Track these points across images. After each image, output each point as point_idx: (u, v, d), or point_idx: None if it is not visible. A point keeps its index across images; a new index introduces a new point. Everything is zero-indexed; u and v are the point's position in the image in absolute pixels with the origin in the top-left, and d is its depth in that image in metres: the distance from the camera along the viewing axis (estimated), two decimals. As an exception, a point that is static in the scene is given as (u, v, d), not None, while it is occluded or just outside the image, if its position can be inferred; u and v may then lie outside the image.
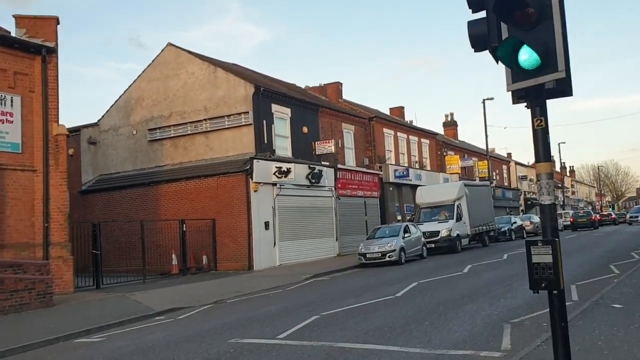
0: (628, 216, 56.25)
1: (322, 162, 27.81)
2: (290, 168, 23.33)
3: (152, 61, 26.92)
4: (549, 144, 4.75)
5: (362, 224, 29.75)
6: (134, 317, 12.69)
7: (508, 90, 4.75)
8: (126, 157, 27.16)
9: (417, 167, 38.87)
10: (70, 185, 27.06)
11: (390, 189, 34.17)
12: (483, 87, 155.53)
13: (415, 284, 14.76)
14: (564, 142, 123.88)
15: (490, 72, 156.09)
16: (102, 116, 28.04)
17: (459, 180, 34.36)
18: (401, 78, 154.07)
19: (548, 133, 4.74)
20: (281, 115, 25.80)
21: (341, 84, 36.12)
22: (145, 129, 26.65)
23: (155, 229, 22.82)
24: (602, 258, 18.97)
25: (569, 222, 53.83)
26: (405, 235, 22.76)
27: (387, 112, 44.37)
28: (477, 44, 4.75)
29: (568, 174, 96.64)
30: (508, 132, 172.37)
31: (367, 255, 21.83)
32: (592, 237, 32.22)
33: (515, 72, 4.63)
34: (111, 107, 27.85)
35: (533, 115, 4.75)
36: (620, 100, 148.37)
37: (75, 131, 27.56)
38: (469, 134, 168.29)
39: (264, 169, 22.99)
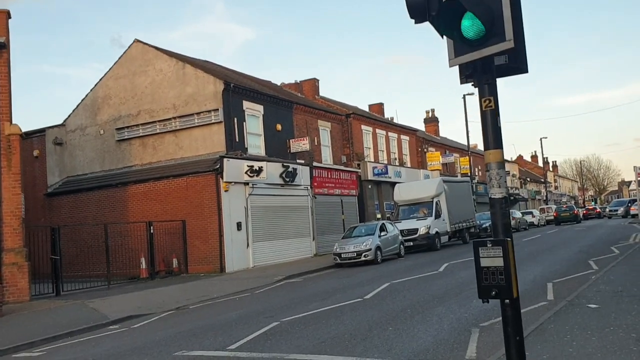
0: (608, 210, 56.44)
1: (298, 161, 27.10)
2: (262, 167, 22.57)
3: (119, 58, 26.00)
4: (499, 128, 4.08)
5: (340, 223, 29.09)
6: (86, 327, 11.89)
7: (451, 66, 4.06)
8: (93, 158, 26.22)
9: (397, 164, 38.31)
10: (35, 187, 26.33)
11: (369, 186, 33.54)
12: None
13: (387, 285, 14.10)
14: (546, 137, 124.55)
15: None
16: (69, 116, 27.06)
17: (440, 176, 33.78)
18: (383, 76, 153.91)
19: (499, 115, 4.07)
20: (253, 113, 25.03)
21: (317, 80, 35.41)
22: (112, 128, 25.73)
23: (124, 232, 21.99)
24: (581, 253, 18.47)
25: (552, 217, 53.78)
26: (382, 234, 22.12)
27: (367, 109, 43.77)
28: (416, 13, 4.05)
29: (551, 168, 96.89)
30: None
31: (342, 255, 21.15)
32: (573, 232, 31.87)
33: (458, 44, 3.96)
34: (77, 106, 26.89)
35: (481, 95, 4.08)
36: (601, 96, 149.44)
37: (40, 132, 26.59)
38: (451, 130, 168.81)
39: (234, 168, 22.22)
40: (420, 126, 54.35)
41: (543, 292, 11.17)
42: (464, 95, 45.57)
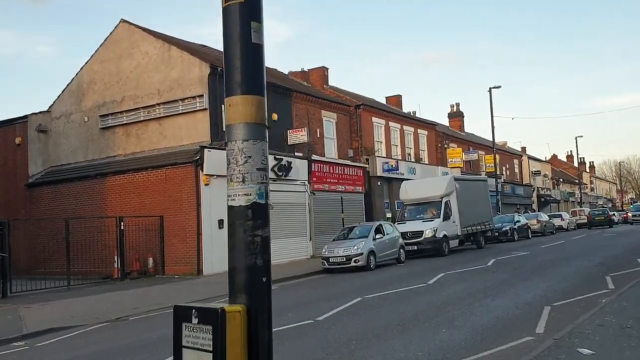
0: (629, 214, 48.40)
1: (296, 154, 25.00)
2: (247, 159, 20.50)
3: (105, 40, 24.30)
4: (258, 49, 1.89)
5: (341, 221, 26.86)
6: (-16, 343, 10.06)
7: None
8: (78, 147, 24.64)
9: (413, 160, 35.82)
10: (16, 177, 24.89)
11: (379, 183, 31.18)
12: (495, 78, 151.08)
13: (357, 301, 11.88)
14: (582, 136, 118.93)
15: (501, 62, 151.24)
16: (54, 102, 25.52)
17: (451, 174, 31.14)
18: (415, 73, 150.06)
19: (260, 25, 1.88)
20: (245, 100, 22.98)
21: (327, 69, 33.19)
22: (97, 115, 24.07)
23: (100, 227, 20.29)
24: (601, 266, 15.87)
25: (584, 220, 50.30)
26: (377, 237, 19.83)
27: (384, 102, 41.32)
28: None
29: (587, 169, 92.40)
30: (524, 125, 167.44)
31: (330, 260, 18.96)
32: (600, 238, 28.92)
33: None
34: (63, 91, 25.34)
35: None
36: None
37: (22, 118, 25.13)
38: (479, 126, 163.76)
39: (217, 160, 20.19)
40: (446, 122, 51.62)
41: (534, 321, 8.81)
42: (490, 88, 42.67)
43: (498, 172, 46.28)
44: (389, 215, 30.90)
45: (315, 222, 25.44)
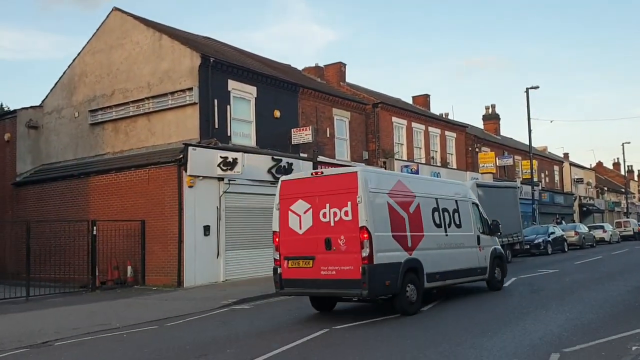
0: None
1: (301, 155, 22.83)
2: (237, 158, 18.43)
3: (97, 30, 22.69)
4: None
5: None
6: None
7: None
8: (68, 144, 23.09)
9: (438, 164, 33.16)
10: (4, 175, 23.51)
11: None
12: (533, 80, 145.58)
13: (322, 333, 9.60)
14: (629, 142, 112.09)
15: (537, 59, 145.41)
16: (46, 96, 24.07)
17: (474, 179, 28.33)
18: (460, 78, 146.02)
19: None
20: (242, 95, 20.99)
21: (344, 65, 30.90)
22: (86, 110, 22.46)
23: (84, 231, 18.55)
24: (637, 290, 13.11)
25: (630, 233, 46.48)
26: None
27: (410, 102, 38.76)
28: None
29: (636, 178, 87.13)
30: (567, 130, 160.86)
31: (323, 274, 16.64)
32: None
33: None
34: (55, 85, 23.85)
35: None
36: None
37: (12, 113, 23.76)
38: (518, 131, 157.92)
39: (204, 160, 18.25)
40: (481, 125, 48.64)
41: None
42: (527, 89, 39.58)
43: (536, 179, 43.06)
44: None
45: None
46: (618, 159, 79.30)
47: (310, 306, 12.25)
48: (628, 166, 76.56)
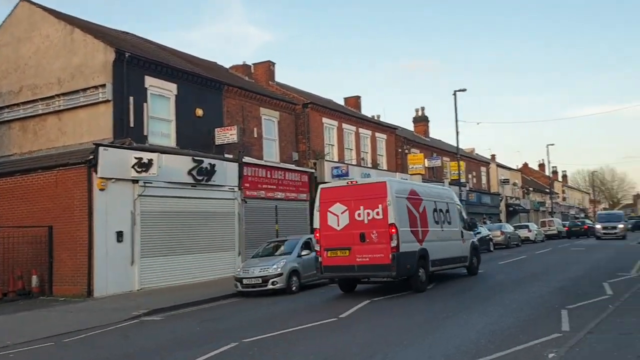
0: (600, 226, 40.20)
1: (225, 155, 21.97)
2: (152, 159, 17.39)
3: (3, 22, 21.04)
4: None
5: (281, 233, 23.83)
6: None
7: None
8: (-29, 145, 21.24)
9: (369, 165, 33.02)
10: None
11: (327, 190, 28.22)
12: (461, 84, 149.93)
13: (228, 348, 8.88)
14: (553, 144, 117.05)
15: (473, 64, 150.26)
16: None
17: (422, 181, 28.25)
18: (401, 82, 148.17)
19: None
20: (160, 92, 19.92)
21: (273, 63, 30.18)
22: (-9, 107, 20.74)
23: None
24: (559, 292, 13.09)
25: (554, 232, 48.12)
26: (304, 253, 16.84)
27: (342, 103, 38.49)
28: None
29: (560, 179, 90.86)
30: (495, 132, 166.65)
31: (244, 282, 15.92)
32: (566, 254, 26.30)
33: None
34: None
35: None
36: (618, 107, 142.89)
37: None
38: (448, 134, 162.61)
39: (117, 161, 17.11)
40: (411, 127, 49.06)
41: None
42: (455, 92, 40.17)
43: (463, 180, 43.80)
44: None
45: (247, 235, 22.37)
46: (543, 160, 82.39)
47: (215, 319, 11.54)
48: (552, 167, 79.70)
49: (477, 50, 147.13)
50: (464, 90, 40.00)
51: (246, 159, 22.85)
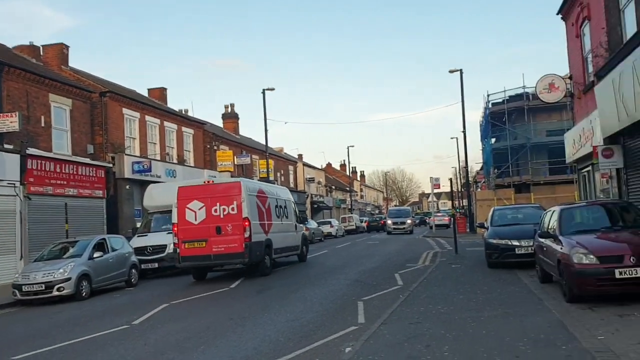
0: (390, 221, 43.42)
1: (5, 146, 19.25)
2: None
3: None
4: None
5: (72, 233, 21.59)
6: None
7: None
8: None
9: (175, 161, 31.70)
10: None
11: (127, 187, 26.43)
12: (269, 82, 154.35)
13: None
14: (353, 146, 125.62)
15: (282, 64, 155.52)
16: None
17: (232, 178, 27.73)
18: (208, 79, 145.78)
19: None
20: None
21: (67, 47, 27.36)
22: None
23: None
24: (356, 284, 13.58)
25: (353, 227, 51.29)
26: (97, 255, 15.35)
27: (146, 94, 36.43)
28: None
29: (359, 178, 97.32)
30: (303, 133, 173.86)
31: (24, 289, 14.01)
32: (363, 247, 27.99)
33: None
34: None
35: None
36: (409, 115, 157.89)
37: None
38: (259, 132, 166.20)
39: None
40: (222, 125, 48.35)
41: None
42: (264, 90, 40.51)
43: (272, 178, 44.43)
44: (139, 224, 26.30)
45: (31, 236, 19.86)
46: (344, 160, 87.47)
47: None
48: (352, 167, 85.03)
49: (287, 54, 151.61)
50: (272, 89, 40.57)
51: (31, 151, 20.30)
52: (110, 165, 25.36)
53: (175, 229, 16.01)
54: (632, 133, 13.52)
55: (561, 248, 9.44)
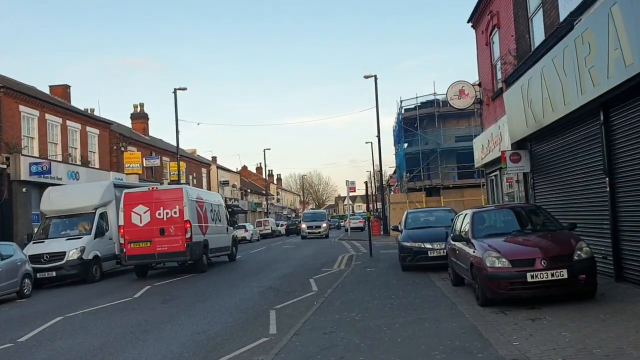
0: (304, 225, 41.83)
1: None
2: None
3: None
4: None
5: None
6: None
7: None
8: None
9: (78, 162, 29.81)
10: None
11: (24, 190, 24.48)
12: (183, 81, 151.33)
13: None
14: (269, 148, 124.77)
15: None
16: None
17: (114, 179, 26.28)
18: (105, 75, 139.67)
19: None
20: None
21: (-46, 36, 25.11)
22: None
23: None
24: (269, 292, 13.10)
25: (269, 231, 50.73)
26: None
27: (48, 92, 34.11)
28: None
29: (275, 181, 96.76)
30: (217, 135, 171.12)
31: None
32: (278, 251, 27.51)
33: None
34: None
35: None
36: (324, 118, 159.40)
37: None
38: (172, 134, 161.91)
39: None
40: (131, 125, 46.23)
41: None
42: (175, 89, 39.10)
43: (183, 180, 42.98)
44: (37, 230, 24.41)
45: None
46: (260, 163, 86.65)
47: None
48: (269, 170, 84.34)
49: (201, 56, 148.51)
50: (184, 89, 39.41)
51: None
52: (4, 166, 23.39)
53: (122, 230, 17.70)
54: (539, 138, 13.95)
55: (474, 251, 9.41)
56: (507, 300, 8.75)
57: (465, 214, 10.91)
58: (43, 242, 18.52)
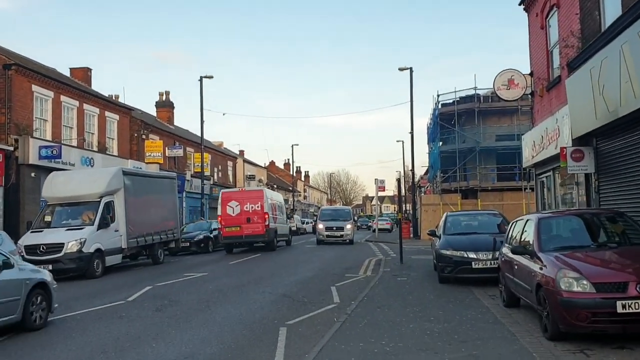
0: (322, 226, 30.33)
1: None
2: None
3: None
4: None
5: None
6: None
7: None
8: None
9: (95, 149, 28.39)
10: None
11: (33, 174, 23.07)
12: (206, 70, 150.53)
13: None
14: (297, 144, 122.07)
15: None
16: None
17: (120, 166, 24.50)
18: (150, 70, 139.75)
19: None
20: None
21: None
22: None
23: None
24: (282, 301, 11.13)
25: (294, 229, 48.79)
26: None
27: (69, 74, 32.79)
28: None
29: (303, 178, 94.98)
30: (247, 129, 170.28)
31: None
32: (298, 251, 25.49)
33: None
34: None
35: None
36: (355, 120, 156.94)
37: None
38: (197, 125, 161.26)
39: None
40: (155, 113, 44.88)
41: None
42: (201, 77, 37.66)
43: (207, 173, 41.44)
44: (48, 218, 22.89)
45: None
46: (288, 159, 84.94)
47: None
48: (297, 167, 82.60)
49: (231, 50, 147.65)
50: (211, 77, 38.08)
51: None
52: (12, 148, 21.98)
53: (220, 218, 24.63)
54: (609, 133, 11.72)
55: (541, 268, 7.31)
56: (587, 334, 6.64)
57: (527, 220, 8.76)
58: (42, 231, 16.93)
